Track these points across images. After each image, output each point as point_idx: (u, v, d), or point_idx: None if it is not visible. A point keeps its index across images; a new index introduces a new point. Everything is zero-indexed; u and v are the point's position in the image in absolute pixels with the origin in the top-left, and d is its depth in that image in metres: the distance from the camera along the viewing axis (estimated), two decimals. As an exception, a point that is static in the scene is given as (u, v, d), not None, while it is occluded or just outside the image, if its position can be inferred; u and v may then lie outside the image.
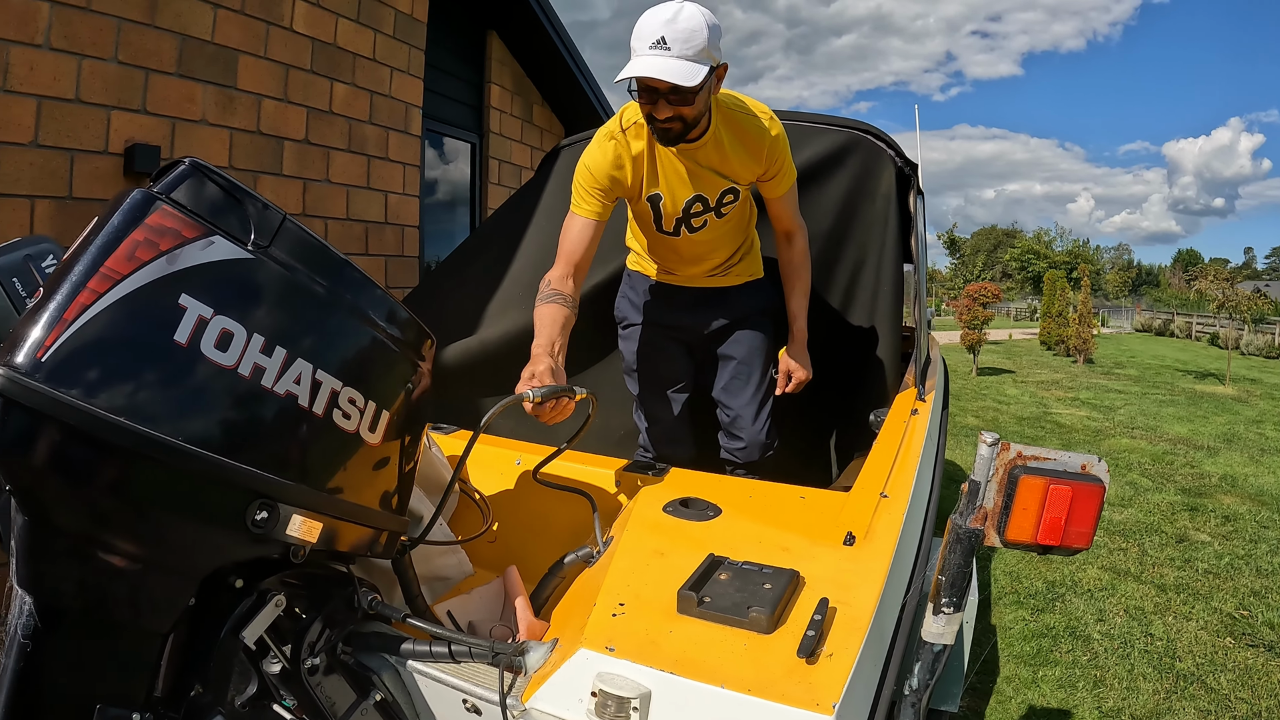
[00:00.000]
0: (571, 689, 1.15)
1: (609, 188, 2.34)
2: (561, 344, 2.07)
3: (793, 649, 1.15)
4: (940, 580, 1.25)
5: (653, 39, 2.03)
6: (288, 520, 1.12)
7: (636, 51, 2.06)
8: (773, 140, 2.36)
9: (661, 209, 2.46)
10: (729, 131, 2.32)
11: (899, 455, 1.99)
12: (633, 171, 2.37)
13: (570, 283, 2.25)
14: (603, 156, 2.34)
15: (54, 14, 3.01)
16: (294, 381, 1.11)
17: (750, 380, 2.69)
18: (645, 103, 2.14)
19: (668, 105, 2.10)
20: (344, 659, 1.36)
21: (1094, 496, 1.21)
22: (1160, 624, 4.07)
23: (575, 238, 2.32)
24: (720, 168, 2.37)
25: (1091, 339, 19.29)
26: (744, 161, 2.37)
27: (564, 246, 2.32)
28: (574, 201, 2.36)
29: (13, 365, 0.91)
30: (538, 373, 1.88)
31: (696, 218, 2.47)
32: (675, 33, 2.02)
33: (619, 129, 2.35)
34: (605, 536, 1.70)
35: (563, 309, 2.17)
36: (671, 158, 2.35)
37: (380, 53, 4.82)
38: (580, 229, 2.33)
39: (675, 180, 2.39)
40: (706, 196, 2.42)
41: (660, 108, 2.11)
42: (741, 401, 2.68)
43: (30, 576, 0.99)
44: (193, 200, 1.09)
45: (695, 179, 2.38)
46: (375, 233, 4.89)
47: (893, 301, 3.01)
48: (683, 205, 2.43)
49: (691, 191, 2.40)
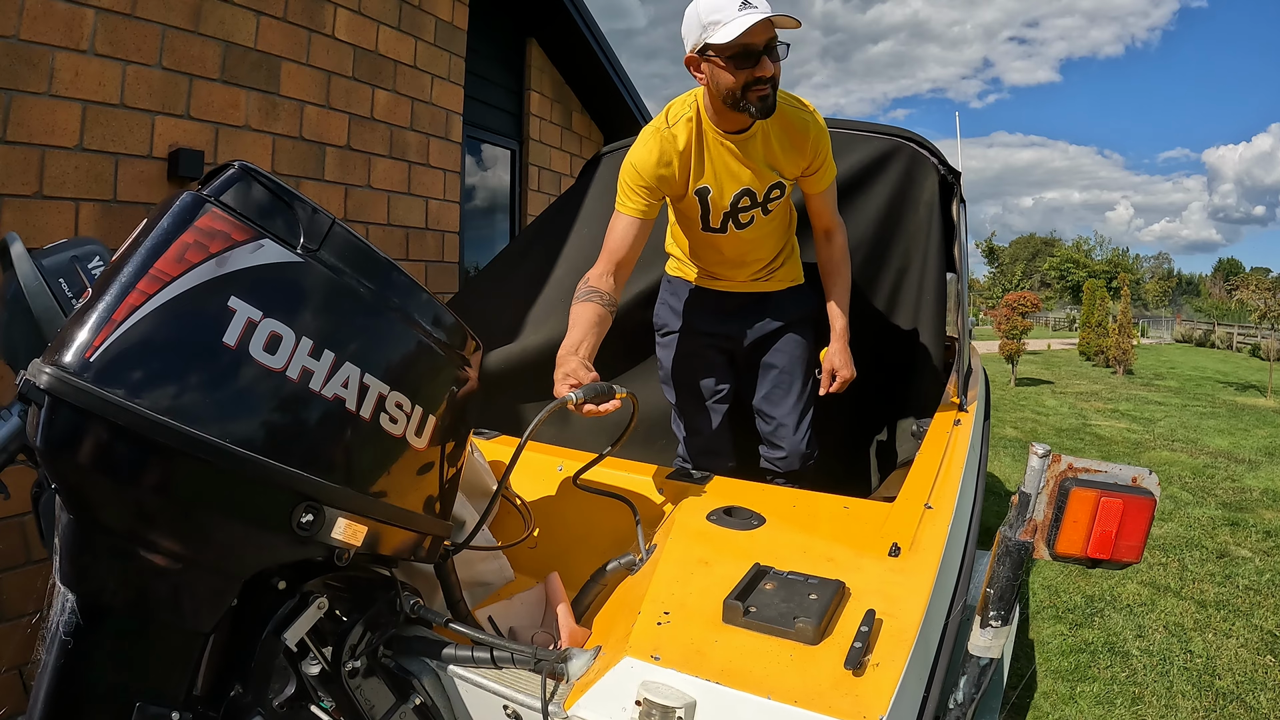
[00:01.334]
0: (615, 697, 1.14)
1: (655, 185, 2.33)
2: (592, 344, 2.06)
3: (839, 660, 1.14)
4: (989, 593, 1.23)
5: (736, 3, 2.03)
6: (333, 523, 1.12)
7: (723, 20, 2.04)
8: (818, 131, 2.35)
9: (710, 203, 2.43)
10: (776, 122, 2.30)
11: (942, 466, 1.97)
12: (680, 166, 2.35)
13: (610, 280, 2.24)
14: (649, 153, 2.32)
15: (99, 20, 3.05)
16: (342, 385, 1.11)
17: (791, 389, 2.66)
18: (744, 68, 2.10)
19: (769, 62, 2.10)
20: (384, 662, 1.36)
21: (1145, 510, 1.19)
22: (1200, 641, 4.00)
23: (620, 235, 2.31)
24: (769, 158, 2.35)
25: (1131, 349, 19.05)
26: (790, 154, 2.35)
27: (608, 244, 2.32)
28: (619, 200, 2.36)
29: (61, 365, 0.91)
30: (570, 371, 1.87)
31: (744, 213, 2.45)
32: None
33: (665, 124, 2.34)
34: (648, 544, 1.69)
35: (598, 308, 2.15)
36: (720, 150, 2.34)
37: (421, 60, 4.84)
38: (625, 227, 2.32)
39: (724, 173, 2.37)
40: (754, 191, 2.40)
41: (763, 65, 2.09)
42: (783, 411, 2.65)
43: (74, 574, 0.99)
44: (242, 203, 1.09)
45: (744, 171, 2.36)
46: (416, 238, 4.92)
47: (935, 310, 2.99)
48: (730, 199, 2.41)
49: (740, 185, 2.39)
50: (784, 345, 2.67)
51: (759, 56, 2.08)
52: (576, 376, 1.85)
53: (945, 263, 3.08)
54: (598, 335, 2.11)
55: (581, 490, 1.89)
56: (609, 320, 2.18)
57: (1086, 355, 22.35)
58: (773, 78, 2.12)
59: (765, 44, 2.08)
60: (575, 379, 1.84)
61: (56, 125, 2.94)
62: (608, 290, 2.20)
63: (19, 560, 2.77)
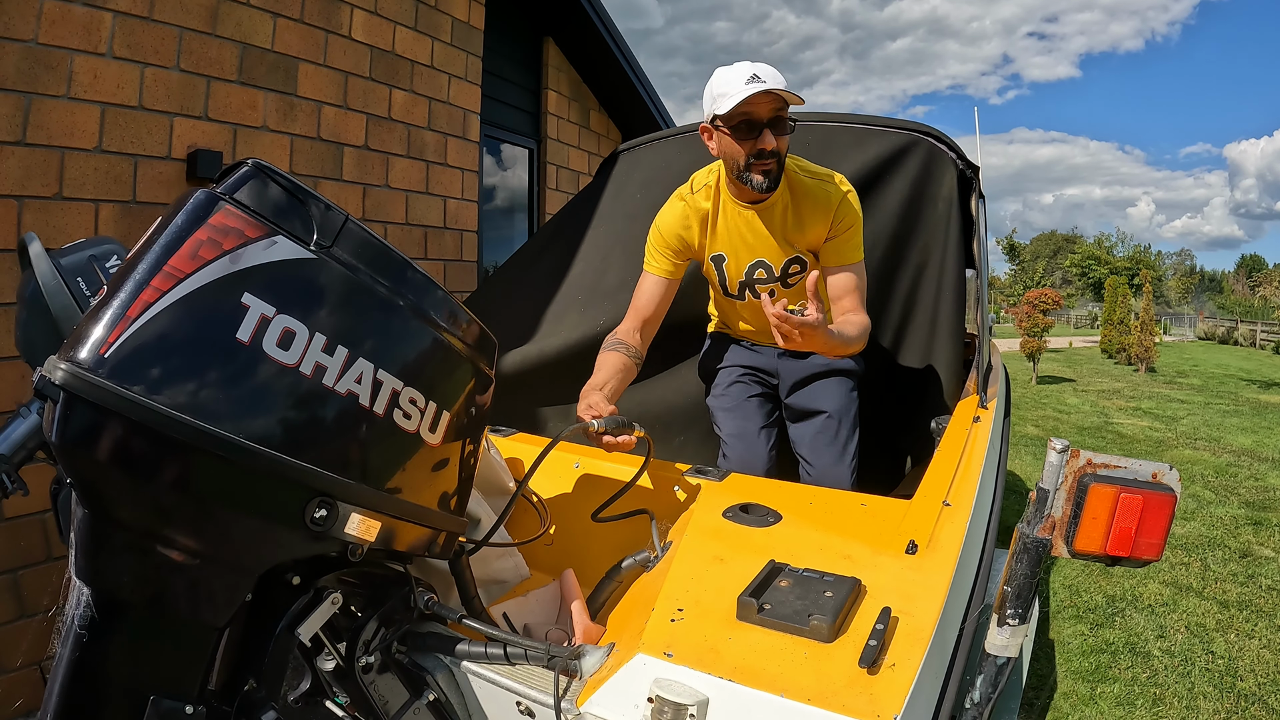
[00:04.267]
0: (628, 694, 1.13)
1: (678, 247, 2.42)
2: (615, 386, 2.13)
3: (854, 658, 1.13)
4: (1006, 591, 1.21)
5: (746, 76, 2.12)
6: (346, 519, 1.12)
7: (731, 94, 2.12)
8: (843, 197, 2.34)
9: (725, 271, 2.49)
10: (796, 193, 2.34)
11: (961, 463, 1.96)
12: (699, 231, 2.42)
13: (636, 335, 2.31)
14: (672, 216, 2.42)
15: (117, 24, 3.08)
16: (355, 381, 1.11)
17: (838, 437, 2.57)
18: (745, 139, 2.17)
19: (772, 135, 2.15)
20: (398, 658, 1.36)
21: (1165, 506, 1.16)
22: (1222, 641, 3.96)
23: (646, 295, 2.40)
24: (785, 233, 2.38)
25: (1153, 347, 18.92)
26: (810, 224, 2.35)
27: (635, 302, 2.41)
28: (646, 260, 2.45)
29: (76, 361, 0.92)
30: (592, 404, 1.93)
31: (761, 285, 2.49)
32: (764, 71, 2.13)
33: (689, 191, 2.43)
34: (663, 541, 1.69)
35: (623, 357, 2.23)
36: (737, 220, 2.40)
37: (438, 60, 4.86)
38: (651, 286, 2.41)
39: (739, 242, 2.42)
40: (770, 263, 2.43)
41: (765, 138, 2.15)
42: (827, 461, 2.56)
43: (89, 569, 0.99)
44: (256, 201, 1.09)
45: (759, 242, 2.40)
46: (434, 237, 4.93)
47: (955, 307, 2.97)
48: (745, 269, 2.46)
49: (754, 256, 2.43)
50: (827, 390, 2.60)
51: (761, 129, 2.16)
52: (598, 409, 1.90)
53: (964, 259, 3.06)
54: (621, 380, 2.18)
55: (594, 484, 1.90)
56: (633, 371, 2.25)
57: (1108, 353, 22.19)
58: (775, 151, 2.18)
59: (770, 118, 2.15)
60: (596, 411, 1.89)
61: (76, 127, 2.96)
62: (634, 345, 2.29)
63: (39, 557, 2.80)
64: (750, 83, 2.10)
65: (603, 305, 3.09)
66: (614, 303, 3.06)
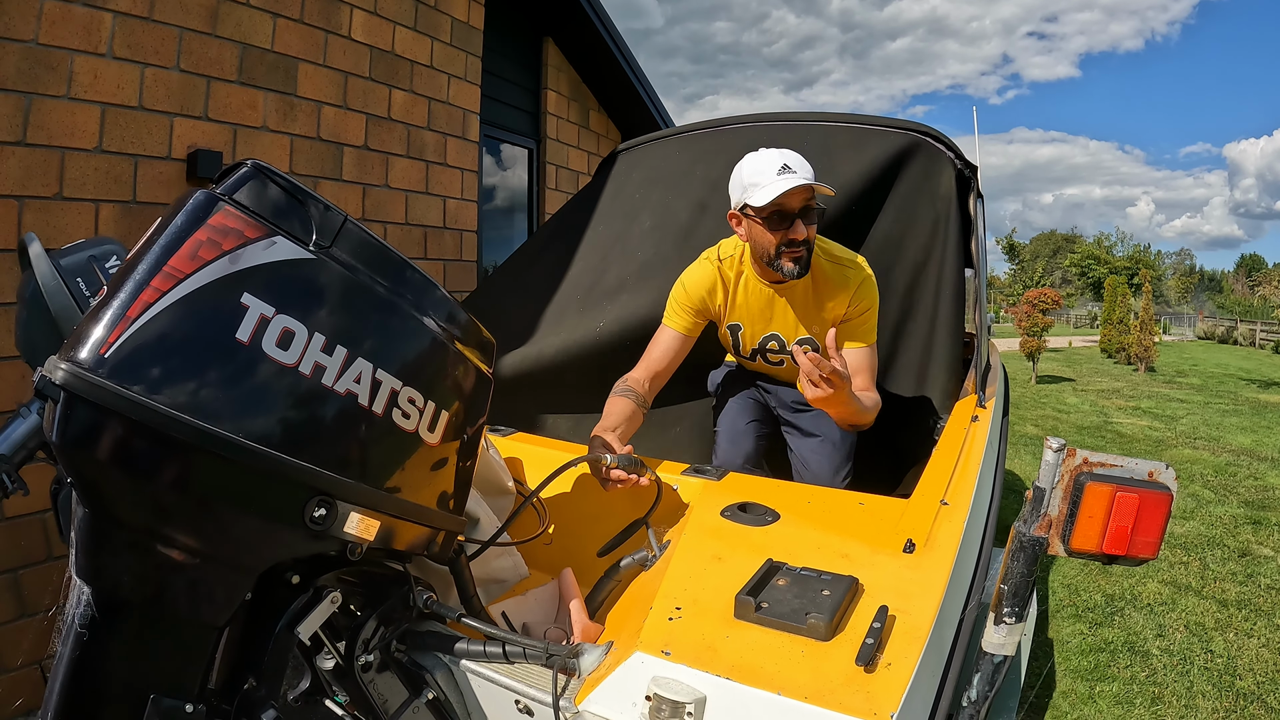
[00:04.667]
0: (626, 692, 1.14)
1: (700, 308, 2.47)
2: (624, 431, 2.13)
3: (851, 657, 1.13)
4: (1002, 589, 1.22)
5: (777, 166, 2.17)
6: (345, 518, 1.12)
7: (762, 183, 2.17)
8: (862, 281, 2.39)
9: (740, 338, 2.56)
10: (818, 276, 2.40)
11: (959, 462, 1.96)
12: (722, 298, 2.48)
13: (646, 385, 2.33)
14: (700, 277, 2.47)
15: (117, 24, 3.08)
16: (354, 380, 1.12)
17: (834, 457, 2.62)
18: (777, 230, 2.22)
19: (802, 226, 2.20)
20: (398, 657, 1.36)
21: (1161, 505, 1.16)
22: (1221, 640, 3.97)
23: (661, 348, 2.43)
24: (803, 313, 2.45)
25: (1153, 346, 18.92)
26: (830, 304, 2.40)
27: (649, 353, 2.44)
28: (666, 313, 2.50)
29: (76, 361, 0.92)
30: (605, 443, 1.97)
31: (773, 354, 2.55)
32: (795, 161, 2.19)
33: (716, 257, 2.48)
34: (662, 540, 1.69)
35: (632, 403, 2.24)
36: (757, 295, 2.47)
37: (438, 60, 4.86)
38: (668, 340, 2.45)
39: (756, 315, 2.48)
40: (783, 338, 2.48)
41: (795, 228, 2.20)
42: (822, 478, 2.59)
43: (89, 567, 1.00)
44: (255, 201, 1.10)
45: (775, 318, 2.46)
46: (434, 237, 4.94)
47: (953, 306, 2.97)
48: (759, 340, 2.52)
49: (768, 329, 2.50)
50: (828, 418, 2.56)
51: (793, 219, 2.20)
52: (611, 449, 1.93)
53: (963, 258, 3.06)
54: (630, 425, 2.19)
55: (594, 484, 1.91)
56: (640, 418, 2.27)
57: (1108, 352, 22.19)
58: (805, 240, 2.23)
59: (801, 208, 2.20)
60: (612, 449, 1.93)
61: (76, 127, 2.97)
62: (643, 393, 2.30)
63: (40, 557, 2.81)
64: (782, 173, 2.15)
65: (601, 305, 3.09)
66: (613, 303, 3.06)
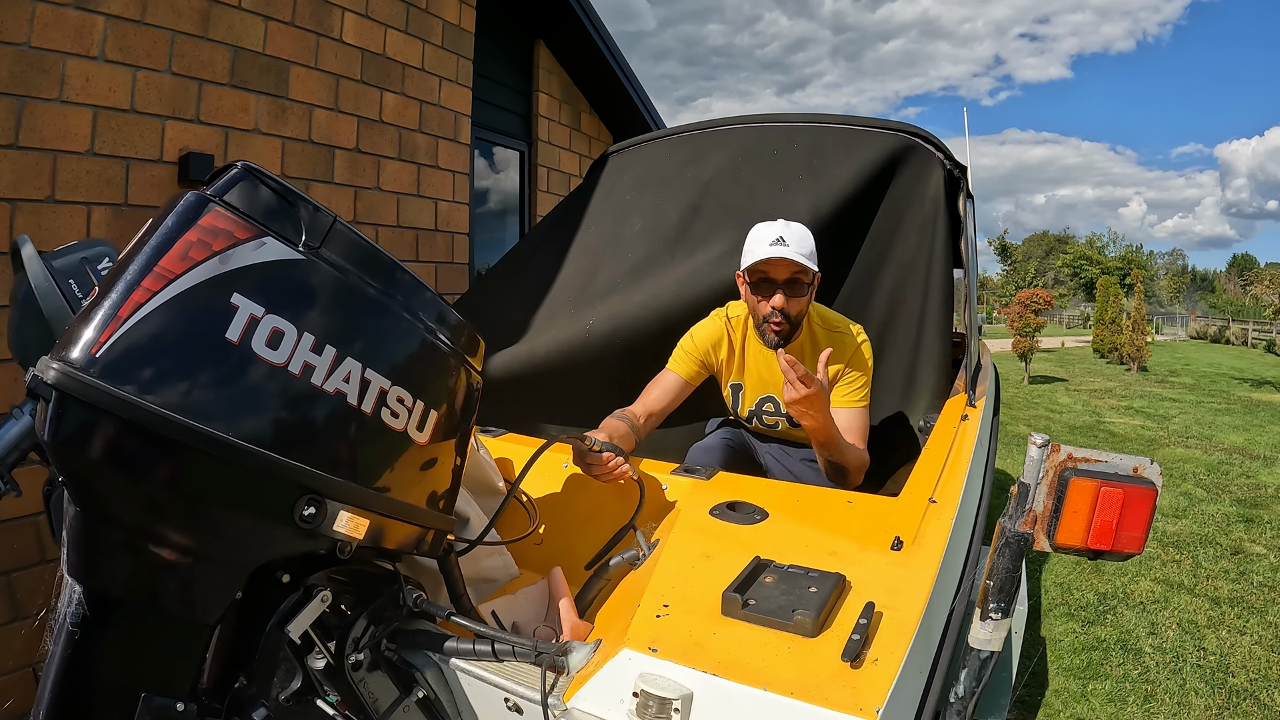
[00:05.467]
0: (613, 689, 1.14)
1: (705, 358, 2.56)
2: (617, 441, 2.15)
3: (837, 653, 1.14)
4: (988, 585, 1.23)
5: (772, 238, 2.32)
6: (335, 516, 1.13)
7: (755, 252, 2.32)
8: (857, 348, 2.49)
9: (740, 398, 2.63)
10: (814, 341, 2.51)
11: (948, 461, 1.97)
12: (726, 354, 2.58)
13: (641, 420, 2.38)
14: (708, 332, 2.59)
15: (109, 27, 3.08)
16: (343, 380, 1.13)
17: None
18: (761, 296, 2.37)
19: (783, 296, 2.33)
20: (388, 655, 1.37)
21: (1146, 500, 1.18)
22: (1213, 638, 3.98)
23: (661, 390, 2.50)
24: None
25: (1145, 346, 18.96)
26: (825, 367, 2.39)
27: (648, 393, 2.49)
28: (671, 359, 2.58)
29: (68, 361, 0.93)
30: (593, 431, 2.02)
31: (769, 416, 2.61)
32: (791, 234, 2.33)
33: (726, 316, 2.61)
34: (651, 540, 1.70)
35: (626, 426, 2.29)
36: (757, 358, 2.56)
37: (429, 63, 4.87)
38: (669, 383, 2.51)
39: (755, 377, 2.57)
40: (779, 401, 2.51)
41: (776, 298, 2.33)
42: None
43: (80, 566, 1.01)
44: (245, 202, 1.11)
45: (772, 381, 2.52)
46: (426, 239, 4.94)
47: (942, 306, 2.98)
48: (755, 401, 2.59)
49: (766, 391, 2.57)
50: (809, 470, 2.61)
51: (775, 289, 2.34)
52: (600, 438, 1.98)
53: (952, 258, 3.07)
54: (621, 441, 2.21)
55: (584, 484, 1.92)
56: (633, 441, 2.30)
57: (1101, 352, 22.24)
58: (783, 310, 2.34)
59: (786, 280, 2.33)
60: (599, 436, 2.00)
61: (68, 130, 2.97)
62: (638, 425, 2.36)
63: (33, 559, 2.80)
64: (774, 244, 2.29)
65: (593, 306, 3.09)
66: (604, 304, 3.06)
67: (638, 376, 2.72)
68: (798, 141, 3.26)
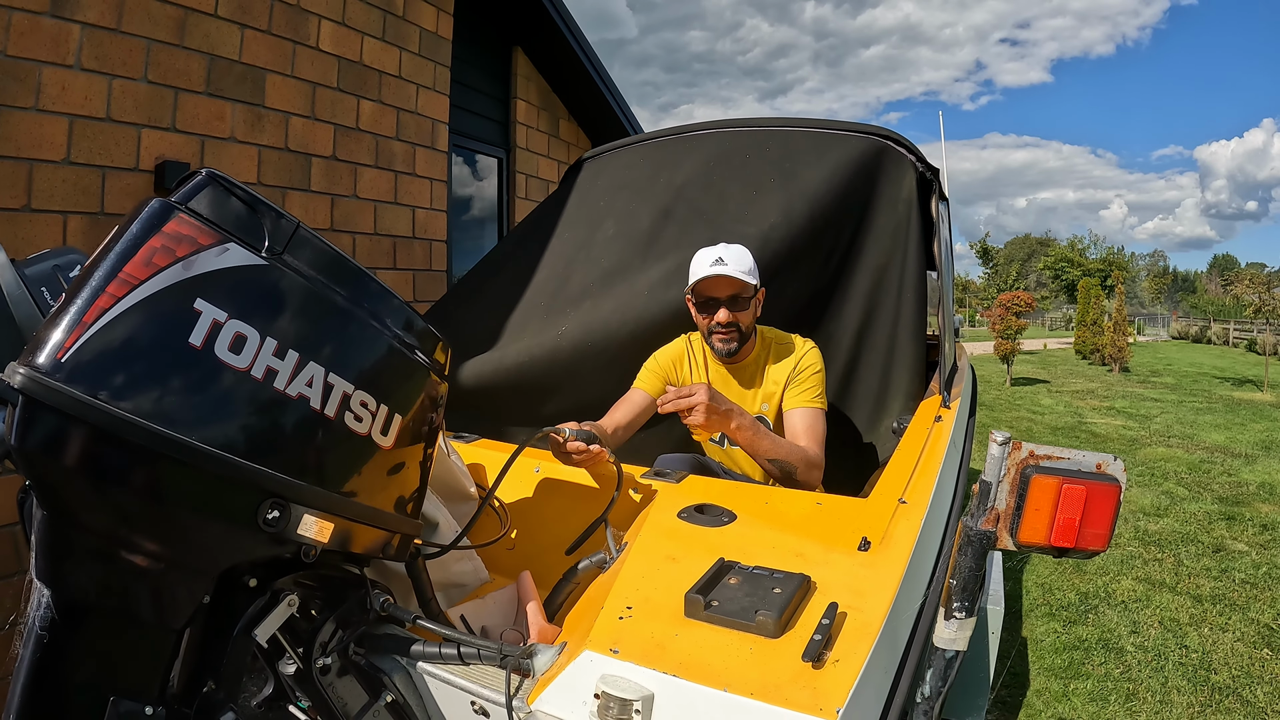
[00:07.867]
0: (575, 691, 1.15)
1: (666, 374, 2.69)
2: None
3: (799, 653, 1.14)
4: (952, 584, 1.23)
5: (712, 259, 2.48)
6: (299, 520, 1.13)
7: (697, 273, 2.50)
8: (808, 351, 2.61)
9: None
10: (769, 356, 2.63)
11: (920, 462, 1.98)
12: (688, 371, 2.72)
13: (608, 433, 2.44)
14: (671, 350, 2.75)
15: (85, 35, 3.08)
16: (306, 384, 1.13)
17: None
18: (706, 314, 2.54)
19: (727, 312, 2.48)
20: (356, 660, 1.37)
21: (1110, 496, 1.17)
22: (1196, 636, 4.01)
23: (628, 405, 2.60)
24: (756, 389, 2.63)
25: (1127, 347, 19.09)
26: (776, 373, 2.59)
27: (616, 410, 2.58)
28: (638, 377, 2.71)
29: (34, 365, 0.94)
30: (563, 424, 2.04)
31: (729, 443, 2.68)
32: (730, 255, 2.49)
33: (689, 339, 2.76)
34: (620, 543, 1.71)
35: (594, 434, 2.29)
36: (716, 373, 2.68)
37: (406, 70, 4.87)
38: (637, 400, 2.62)
39: None
40: None
41: (719, 314, 2.49)
42: None
43: (48, 570, 1.01)
44: (209, 209, 1.11)
45: (731, 395, 2.58)
46: (403, 247, 4.93)
47: (916, 309, 2.99)
48: None
49: None
50: None
51: (719, 306, 2.50)
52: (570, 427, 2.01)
53: (925, 261, 3.08)
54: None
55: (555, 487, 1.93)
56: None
57: (1083, 354, 22.35)
58: (730, 323, 2.50)
59: (729, 297, 2.49)
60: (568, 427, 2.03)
61: (44, 139, 2.96)
62: (606, 438, 2.35)
63: (10, 569, 2.79)
64: (714, 265, 2.46)
65: (565, 312, 3.09)
66: (576, 309, 3.07)
67: (610, 381, 2.74)
68: (770, 145, 3.28)
